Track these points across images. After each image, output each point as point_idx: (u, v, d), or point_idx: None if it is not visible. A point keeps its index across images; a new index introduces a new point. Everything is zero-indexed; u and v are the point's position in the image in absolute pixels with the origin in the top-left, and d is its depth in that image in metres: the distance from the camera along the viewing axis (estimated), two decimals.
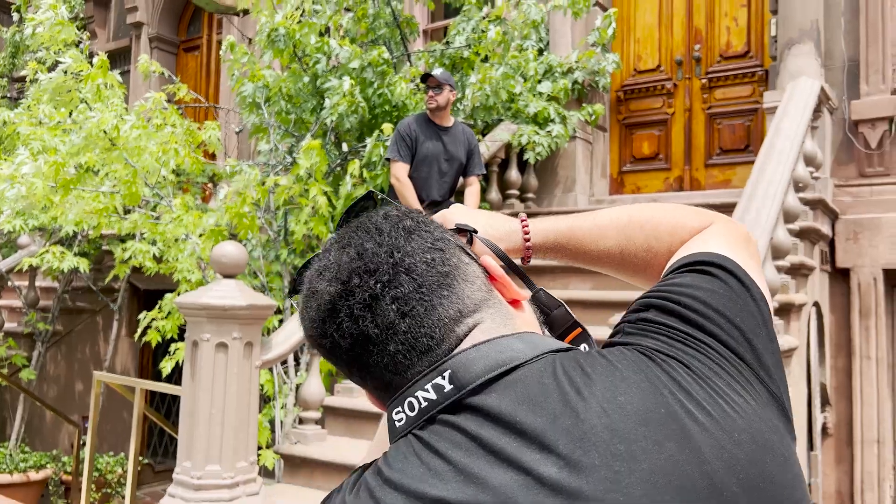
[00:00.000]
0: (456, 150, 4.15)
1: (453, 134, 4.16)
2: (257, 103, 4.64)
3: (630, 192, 6.06)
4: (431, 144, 4.07)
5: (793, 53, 4.84)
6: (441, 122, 4.12)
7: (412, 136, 3.99)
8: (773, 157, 3.60)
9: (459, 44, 5.25)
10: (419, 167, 4.06)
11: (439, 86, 4.02)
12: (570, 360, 0.68)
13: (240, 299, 3.20)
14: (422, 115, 4.14)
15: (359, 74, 4.38)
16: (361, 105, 4.32)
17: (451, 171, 4.16)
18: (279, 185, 4.22)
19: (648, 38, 6.05)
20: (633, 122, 6.10)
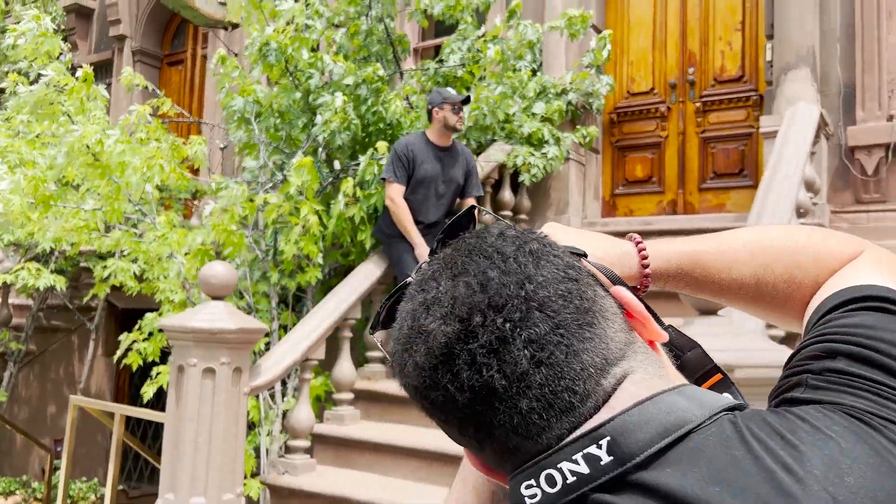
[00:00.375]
0: (454, 172, 4.07)
1: (452, 155, 4.08)
2: (247, 118, 4.53)
3: (623, 215, 6.02)
4: (430, 166, 3.98)
5: (789, 78, 4.84)
6: (443, 142, 4.03)
7: (409, 156, 3.90)
8: (775, 183, 3.56)
9: (453, 63, 5.19)
10: (416, 189, 3.97)
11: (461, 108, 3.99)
12: (759, 424, 0.55)
13: (229, 322, 3.07)
14: (420, 134, 4.05)
15: (353, 91, 4.29)
16: (354, 122, 4.22)
17: (448, 192, 4.07)
18: (269, 202, 4.10)
19: (642, 61, 6.05)
20: (627, 145, 6.07)
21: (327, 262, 4.42)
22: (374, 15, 5.13)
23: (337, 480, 3.47)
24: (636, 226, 5.67)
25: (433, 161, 3.99)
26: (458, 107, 3.93)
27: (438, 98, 3.96)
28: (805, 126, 4.05)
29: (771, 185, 3.54)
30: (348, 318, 3.86)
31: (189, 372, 3.05)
